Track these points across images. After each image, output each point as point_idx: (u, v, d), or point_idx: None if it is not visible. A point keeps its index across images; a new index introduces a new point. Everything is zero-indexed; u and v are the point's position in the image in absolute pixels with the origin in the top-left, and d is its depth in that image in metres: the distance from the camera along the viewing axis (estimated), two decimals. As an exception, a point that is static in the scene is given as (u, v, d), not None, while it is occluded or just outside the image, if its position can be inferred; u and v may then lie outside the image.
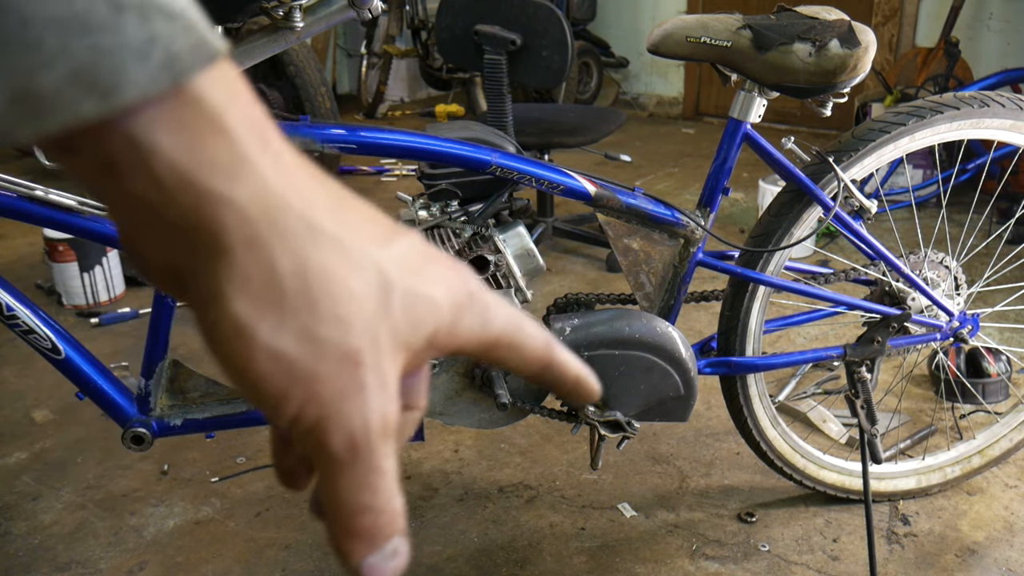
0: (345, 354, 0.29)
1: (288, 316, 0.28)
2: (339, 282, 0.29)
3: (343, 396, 0.29)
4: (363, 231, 0.31)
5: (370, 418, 0.30)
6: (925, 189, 3.57)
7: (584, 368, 0.37)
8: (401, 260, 0.31)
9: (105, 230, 1.30)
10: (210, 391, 1.42)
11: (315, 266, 0.29)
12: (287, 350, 0.28)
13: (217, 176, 0.27)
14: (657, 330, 1.36)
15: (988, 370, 2.14)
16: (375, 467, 0.30)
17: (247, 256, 0.28)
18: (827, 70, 1.36)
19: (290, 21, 1.22)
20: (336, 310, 0.29)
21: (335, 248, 0.29)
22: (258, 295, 0.28)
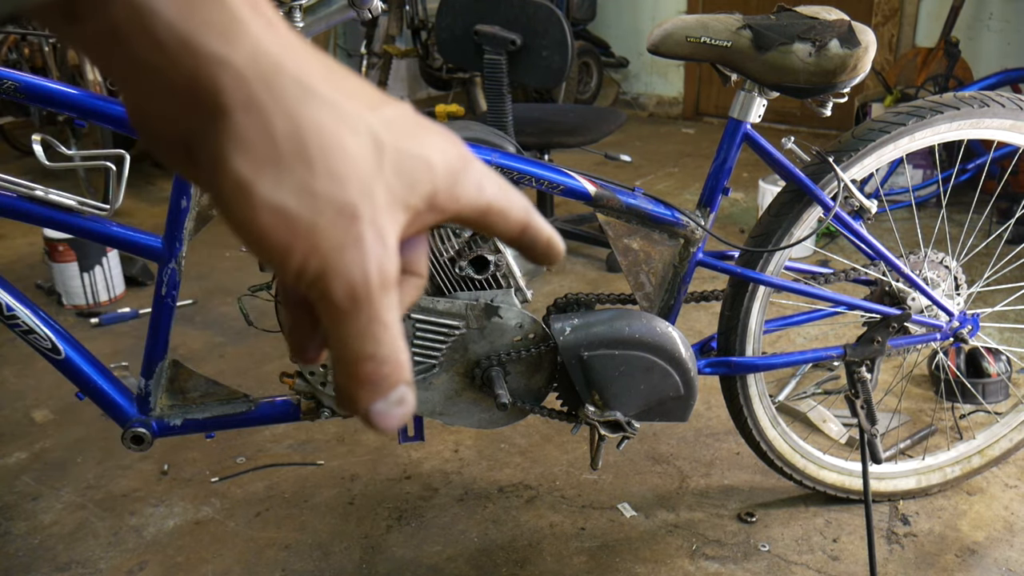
0: (342, 207, 0.30)
1: (286, 172, 0.30)
2: (334, 140, 0.30)
3: (342, 247, 0.30)
4: (356, 96, 0.32)
5: (369, 269, 0.31)
6: (925, 189, 3.57)
7: (554, 232, 0.38)
8: (393, 124, 0.32)
9: (104, 230, 1.30)
10: (210, 391, 1.41)
11: (310, 125, 0.30)
12: (286, 204, 0.30)
13: (213, 37, 0.29)
14: (657, 330, 1.36)
15: (988, 370, 2.14)
16: (376, 317, 0.31)
17: (245, 116, 0.29)
18: (827, 70, 1.36)
19: (290, 21, 1.22)
20: (332, 166, 0.30)
21: (329, 109, 0.30)
22: (256, 154, 0.30)
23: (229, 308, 2.72)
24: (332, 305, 0.31)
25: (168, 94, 0.30)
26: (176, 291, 1.34)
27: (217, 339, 2.53)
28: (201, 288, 2.87)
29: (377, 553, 1.65)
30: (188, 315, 2.68)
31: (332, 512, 1.76)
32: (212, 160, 0.30)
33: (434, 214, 0.34)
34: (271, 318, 1.41)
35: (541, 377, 1.40)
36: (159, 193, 3.93)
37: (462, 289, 1.33)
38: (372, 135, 0.31)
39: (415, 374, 1.33)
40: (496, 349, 1.34)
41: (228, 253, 3.17)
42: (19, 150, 4.36)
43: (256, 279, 2.09)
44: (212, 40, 0.29)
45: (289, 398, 1.42)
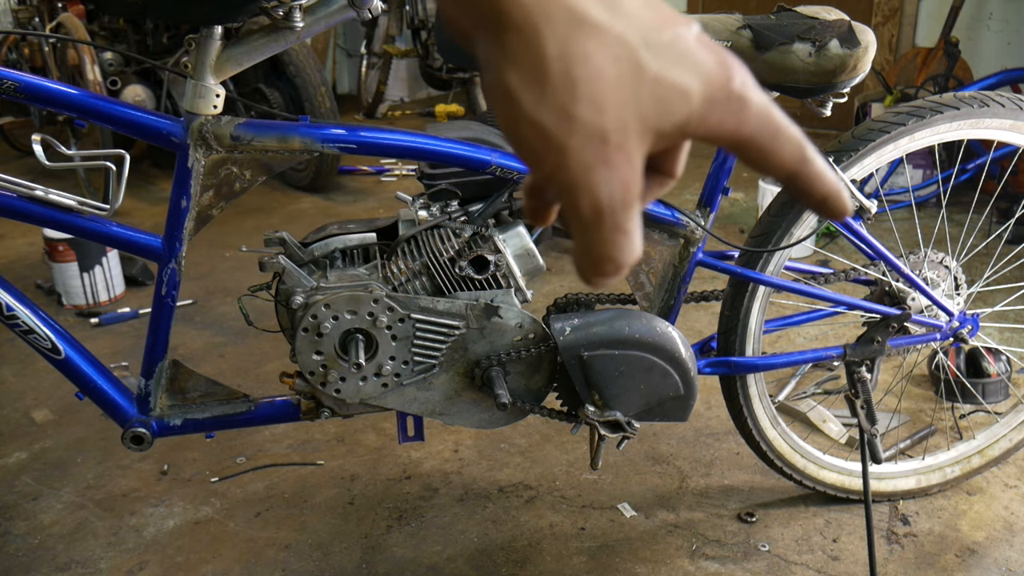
0: (595, 132, 0.33)
1: (548, 93, 0.32)
2: (596, 68, 0.32)
3: (590, 168, 0.33)
4: (634, 19, 0.33)
5: (613, 190, 0.33)
6: (925, 189, 3.57)
7: (836, 186, 0.38)
8: (663, 49, 0.34)
9: (104, 230, 1.30)
10: (210, 391, 1.41)
11: (577, 52, 0.32)
12: (544, 122, 0.33)
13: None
14: (657, 330, 1.36)
15: (988, 370, 2.14)
16: (618, 228, 0.34)
17: (520, 36, 0.32)
18: (827, 70, 1.36)
19: (290, 21, 1.22)
20: (592, 92, 0.32)
21: (598, 36, 0.32)
22: (526, 71, 0.32)
23: (229, 308, 2.72)
24: (577, 216, 0.34)
25: (461, 5, 0.33)
26: (176, 291, 1.34)
27: (217, 339, 2.53)
28: (201, 288, 2.87)
29: (377, 553, 1.65)
30: (188, 315, 2.68)
31: (332, 512, 1.76)
32: (488, 63, 0.33)
33: (683, 136, 0.36)
34: (271, 318, 1.41)
35: (541, 377, 1.40)
36: (159, 193, 3.93)
37: (462, 289, 1.33)
38: (636, 62, 0.33)
39: (415, 374, 1.33)
40: (496, 349, 1.34)
41: (228, 253, 3.17)
42: (19, 150, 4.36)
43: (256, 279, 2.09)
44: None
45: (289, 398, 1.42)
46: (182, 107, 1.28)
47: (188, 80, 1.27)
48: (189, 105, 1.27)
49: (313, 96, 3.55)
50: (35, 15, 4.05)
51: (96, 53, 3.52)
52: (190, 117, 1.27)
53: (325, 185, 3.94)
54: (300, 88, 3.56)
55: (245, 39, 1.26)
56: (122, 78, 3.72)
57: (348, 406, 1.37)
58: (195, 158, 1.27)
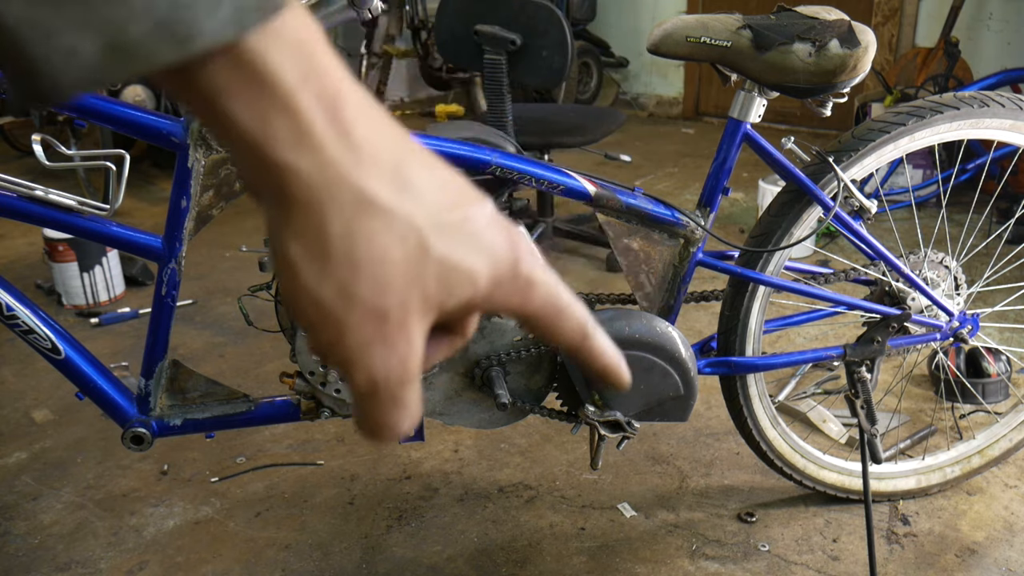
0: (374, 312, 0.33)
1: (330, 270, 0.32)
2: (380, 249, 0.32)
3: (368, 345, 0.33)
4: (424, 199, 0.34)
5: (390, 367, 0.34)
6: (925, 189, 3.57)
7: (615, 359, 0.40)
8: (453, 230, 0.34)
9: (104, 230, 1.30)
10: (210, 391, 1.41)
11: (361, 233, 0.32)
12: (324, 297, 0.33)
13: (282, 148, 0.31)
14: (657, 330, 1.36)
15: (988, 370, 2.14)
16: (394, 402, 0.34)
17: (304, 213, 0.32)
18: (827, 70, 1.36)
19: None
20: (373, 273, 0.32)
21: (384, 218, 0.32)
22: (309, 246, 0.32)
23: (229, 308, 2.72)
24: (354, 386, 0.34)
25: (246, 169, 0.33)
26: (176, 291, 1.34)
27: (217, 339, 2.53)
28: (201, 288, 2.87)
29: (377, 553, 1.65)
30: (188, 315, 2.68)
31: (332, 512, 1.76)
32: (273, 230, 0.33)
33: (469, 312, 0.36)
34: (271, 318, 1.41)
35: (541, 377, 1.40)
36: (159, 193, 3.93)
37: (462, 289, 1.33)
38: (422, 244, 0.33)
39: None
40: (496, 349, 1.34)
41: (228, 253, 3.17)
42: (19, 150, 4.36)
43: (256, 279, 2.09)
44: (281, 148, 0.31)
45: (289, 398, 1.42)
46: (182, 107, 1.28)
47: (188, 80, 1.26)
48: (189, 105, 1.26)
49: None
50: (35, 15, 4.05)
51: (96, 53, 3.51)
52: (190, 117, 1.27)
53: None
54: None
55: (245, 39, 1.26)
56: (122, 78, 3.71)
57: (348, 406, 1.37)
58: (195, 158, 1.27)
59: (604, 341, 0.39)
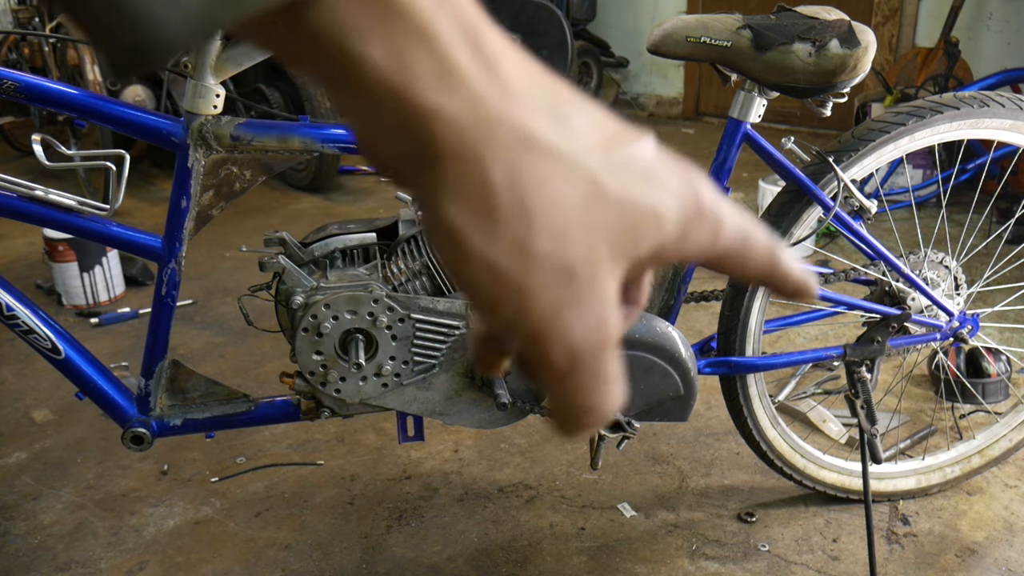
0: (559, 267, 0.29)
1: (501, 227, 0.28)
2: (554, 194, 0.28)
3: (558, 310, 0.29)
4: (586, 138, 0.30)
5: (589, 330, 0.29)
6: (925, 189, 3.57)
7: (804, 274, 0.35)
8: (625, 168, 0.30)
9: (104, 230, 1.30)
10: (210, 391, 1.41)
11: (529, 177, 0.28)
12: (499, 261, 0.28)
13: (427, 87, 0.27)
14: (657, 330, 1.36)
15: (988, 370, 2.14)
16: (597, 376, 0.30)
17: (460, 165, 0.28)
18: (827, 70, 1.36)
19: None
20: (551, 222, 0.28)
21: (551, 159, 0.28)
22: (471, 204, 0.28)
23: (229, 308, 2.72)
24: (550, 366, 0.30)
25: (381, 130, 0.28)
26: (176, 291, 1.34)
27: (217, 339, 2.53)
28: (201, 288, 2.87)
29: (377, 553, 1.65)
30: (188, 315, 2.68)
31: (332, 512, 1.76)
32: (425, 199, 0.29)
33: (658, 261, 0.32)
34: (271, 318, 1.41)
35: (541, 377, 1.39)
36: (159, 193, 3.93)
37: (462, 289, 1.33)
38: (597, 185, 0.29)
39: (415, 374, 1.33)
40: (496, 349, 1.34)
41: (228, 253, 3.17)
42: (19, 150, 4.36)
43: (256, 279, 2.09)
44: (425, 90, 0.27)
45: (289, 398, 1.42)
46: (182, 107, 1.28)
47: (188, 80, 1.27)
48: (189, 105, 1.27)
49: (313, 96, 3.55)
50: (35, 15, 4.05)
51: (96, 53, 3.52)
52: (190, 117, 1.27)
53: (325, 185, 3.94)
54: (300, 88, 3.56)
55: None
56: (122, 78, 3.72)
57: (348, 406, 1.37)
58: (195, 158, 1.27)
59: (790, 258, 0.35)
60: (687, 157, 0.33)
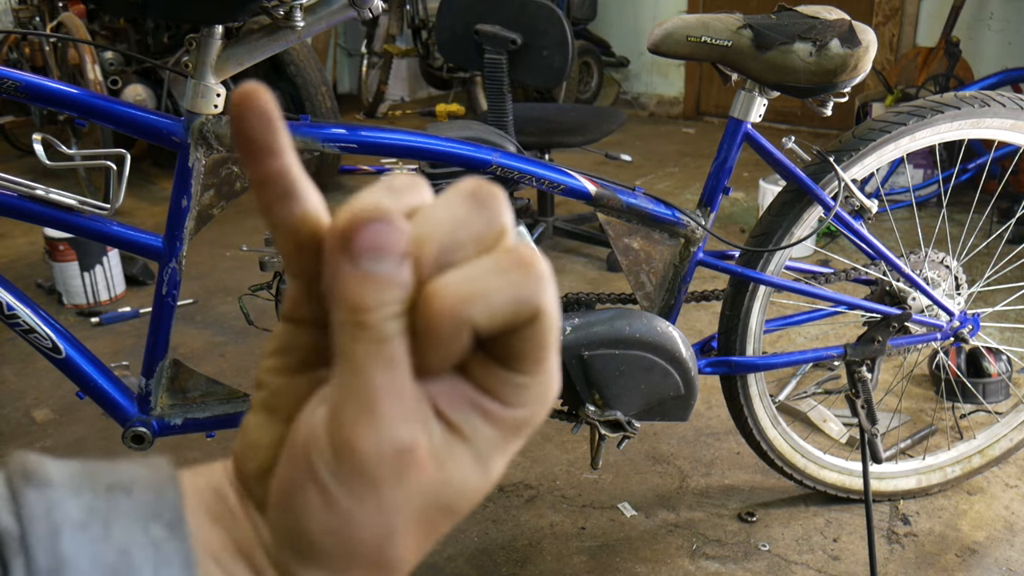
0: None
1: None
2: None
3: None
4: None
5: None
6: (926, 189, 3.57)
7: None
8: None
9: (105, 229, 1.30)
10: (210, 390, 1.41)
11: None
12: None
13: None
14: (657, 330, 1.36)
15: (988, 370, 2.14)
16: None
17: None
18: (828, 70, 1.36)
19: (291, 20, 1.22)
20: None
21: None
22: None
23: (229, 307, 2.72)
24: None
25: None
26: (177, 290, 1.34)
27: (217, 338, 2.53)
28: (202, 287, 2.87)
29: (377, 552, 1.65)
30: (189, 314, 2.68)
31: (332, 511, 1.76)
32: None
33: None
34: (271, 317, 1.41)
35: (541, 377, 1.39)
36: (160, 192, 3.93)
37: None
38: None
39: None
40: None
41: (228, 253, 3.17)
42: (20, 149, 4.36)
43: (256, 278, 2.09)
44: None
45: (289, 397, 1.41)
46: (183, 106, 1.28)
47: (189, 79, 1.27)
48: (190, 104, 1.27)
49: (314, 95, 3.55)
50: (36, 15, 4.05)
51: (97, 52, 3.52)
52: (191, 116, 1.27)
53: (326, 184, 3.94)
54: (301, 87, 3.56)
55: (246, 38, 1.26)
56: (123, 77, 3.72)
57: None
58: (196, 157, 1.27)
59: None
60: (687, 157, 0.32)
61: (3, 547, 0.24)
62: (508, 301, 0.26)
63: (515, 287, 0.26)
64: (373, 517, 0.27)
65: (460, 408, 0.28)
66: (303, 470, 0.27)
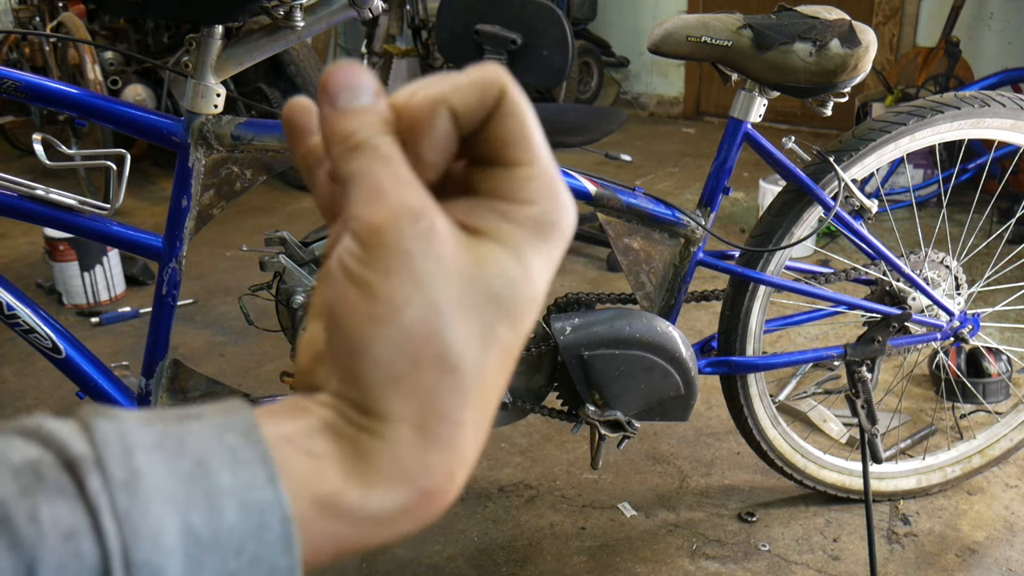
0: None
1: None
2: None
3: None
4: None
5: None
6: (926, 189, 3.57)
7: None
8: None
9: (105, 229, 1.30)
10: (210, 390, 1.41)
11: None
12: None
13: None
14: (657, 330, 1.36)
15: (988, 370, 2.14)
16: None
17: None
18: (828, 70, 1.36)
19: (291, 20, 1.22)
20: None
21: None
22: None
23: (229, 307, 2.72)
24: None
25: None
26: (177, 290, 1.34)
27: (217, 338, 2.53)
28: (202, 287, 2.87)
29: (378, 553, 1.65)
30: (189, 314, 2.68)
31: (332, 511, 1.76)
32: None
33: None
34: (271, 317, 1.41)
35: (541, 376, 1.40)
36: (160, 192, 3.93)
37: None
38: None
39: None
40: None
41: (228, 253, 3.17)
42: (20, 149, 4.36)
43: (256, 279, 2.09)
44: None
45: (289, 397, 1.41)
46: (183, 106, 1.28)
47: (189, 79, 1.27)
48: (190, 104, 1.27)
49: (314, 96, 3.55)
50: (36, 14, 4.05)
51: (97, 52, 3.52)
52: (191, 116, 1.27)
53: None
54: (301, 87, 3.56)
55: (246, 38, 1.26)
56: (123, 77, 3.72)
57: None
58: (196, 157, 1.27)
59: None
60: (687, 157, 0.32)
61: (79, 469, 0.25)
62: (472, 83, 0.30)
63: (476, 73, 0.30)
64: (412, 293, 0.27)
65: (476, 213, 0.30)
66: (338, 279, 0.28)
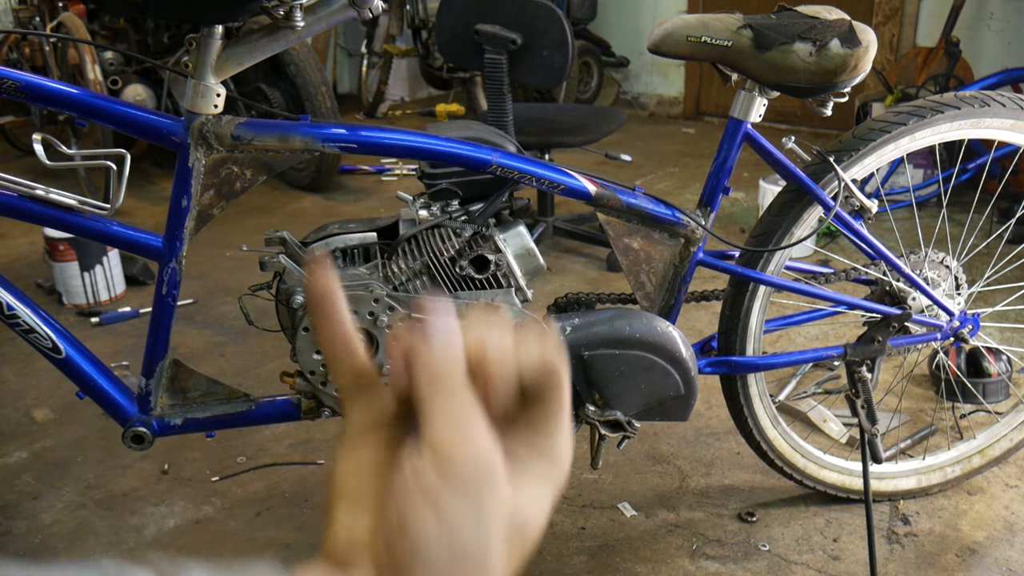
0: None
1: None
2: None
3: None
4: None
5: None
6: (926, 189, 3.57)
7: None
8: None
9: (105, 229, 1.30)
10: (210, 390, 1.41)
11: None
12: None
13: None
14: (657, 330, 1.36)
15: (988, 370, 2.14)
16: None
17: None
18: (828, 70, 1.36)
19: (291, 20, 1.22)
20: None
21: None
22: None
23: (229, 307, 2.72)
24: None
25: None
26: (177, 290, 1.34)
27: (217, 338, 2.53)
28: (202, 287, 2.87)
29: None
30: (189, 314, 2.68)
31: (332, 511, 1.76)
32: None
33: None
34: (271, 317, 1.41)
35: (541, 377, 1.39)
36: (160, 192, 3.93)
37: (463, 289, 1.33)
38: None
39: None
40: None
41: (228, 252, 3.17)
42: (20, 149, 4.36)
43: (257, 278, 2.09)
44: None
45: (289, 397, 1.42)
46: (183, 106, 1.28)
47: (189, 79, 1.27)
48: (190, 104, 1.27)
49: (314, 95, 3.55)
50: (36, 14, 4.05)
51: (97, 52, 3.52)
52: (191, 116, 1.27)
53: (326, 184, 3.94)
54: (301, 87, 3.56)
55: (246, 38, 1.26)
56: (123, 77, 3.72)
57: (348, 405, 1.36)
58: (196, 157, 1.27)
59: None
60: (687, 157, 0.33)
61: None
62: (541, 365, 0.36)
63: (542, 352, 0.36)
64: (474, 524, 0.32)
65: (516, 452, 0.36)
66: (415, 495, 0.32)
